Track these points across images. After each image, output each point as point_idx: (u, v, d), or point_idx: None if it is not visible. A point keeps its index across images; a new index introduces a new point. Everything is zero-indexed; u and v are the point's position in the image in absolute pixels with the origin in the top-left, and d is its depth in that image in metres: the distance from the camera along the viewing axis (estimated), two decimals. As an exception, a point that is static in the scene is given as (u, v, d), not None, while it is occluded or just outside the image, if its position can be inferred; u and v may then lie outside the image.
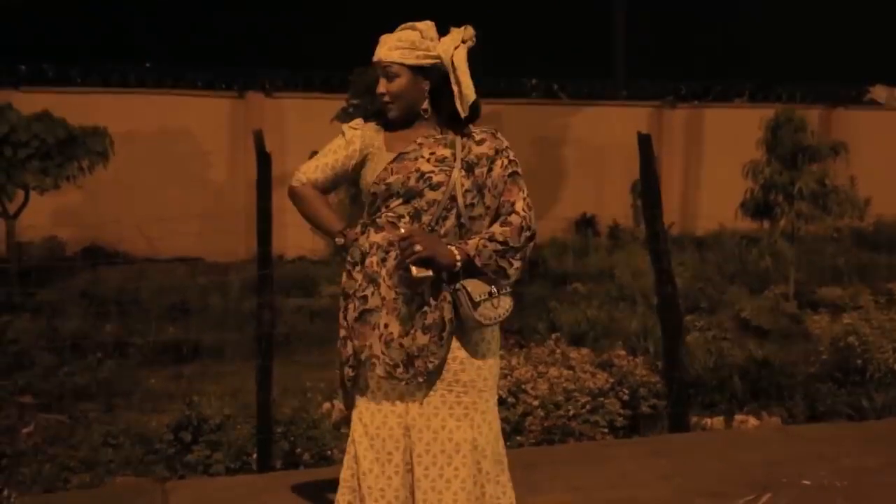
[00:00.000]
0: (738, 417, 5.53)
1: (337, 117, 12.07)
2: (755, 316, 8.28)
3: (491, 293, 2.61)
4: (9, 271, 10.23)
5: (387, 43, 2.68)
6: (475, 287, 2.59)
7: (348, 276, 2.74)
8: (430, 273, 2.54)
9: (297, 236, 10.03)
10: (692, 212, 16.56)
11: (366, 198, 2.74)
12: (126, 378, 6.76)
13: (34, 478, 4.48)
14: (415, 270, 2.52)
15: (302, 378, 5.90)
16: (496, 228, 2.64)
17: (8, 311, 8.35)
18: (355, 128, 2.81)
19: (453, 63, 2.65)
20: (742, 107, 17.55)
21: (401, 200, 2.67)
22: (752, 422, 5.48)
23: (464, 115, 2.68)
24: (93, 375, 6.54)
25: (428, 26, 2.70)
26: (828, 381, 5.88)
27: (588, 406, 5.02)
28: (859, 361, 5.90)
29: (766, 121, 10.05)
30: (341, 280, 2.77)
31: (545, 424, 4.91)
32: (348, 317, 2.73)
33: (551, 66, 19.01)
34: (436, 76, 2.68)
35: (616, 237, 14.90)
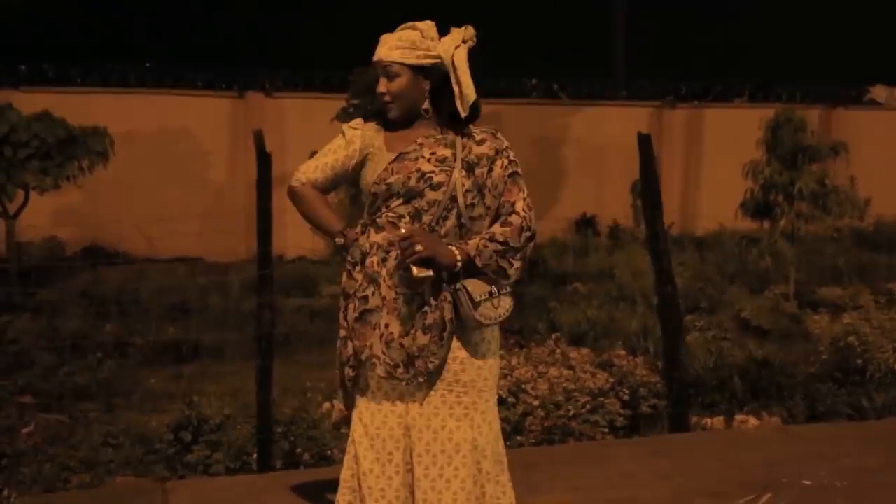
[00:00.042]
0: (738, 417, 5.53)
1: (337, 117, 12.07)
2: (755, 316, 8.27)
3: (491, 293, 2.61)
4: (9, 271, 10.23)
5: (387, 42, 2.68)
6: (475, 287, 2.59)
7: (348, 276, 2.74)
8: (431, 273, 2.54)
9: (297, 236, 10.03)
10: (692, 212, 16.56)
11: (366, 198, 2.74)
12: (126, 378, 6.76)
13: (34, 478, 4.48)
14: (415, 270, 2.52)
15: (302, 378, 5.90)
16: (496, 228, 2.64)
17: (8, 311, 8.34)
18: (355, 128, 2.80)
19: (454, 63, 2.65)
20: (742, 107, 17.55)
21: (401, 200, 2.67)
22: (753, 422, 5.47)
23: (464, 115, 2.67)
24: (93, 375, 6.54)
25: (428, 26, 2.70)
26: (828, 381, 5.88)
27: (588, 406, 5.02)
28: (859, 361, 5.90)
29: (766, 121, 10.04)
30: (341, 280, 2.77)
31: (545, 424, 4.91)
32: (348, 317, 2.73)
33: (551, 66, 19.01)
34: (436, 76, 2.68)
35: (616, 237, 14.90)
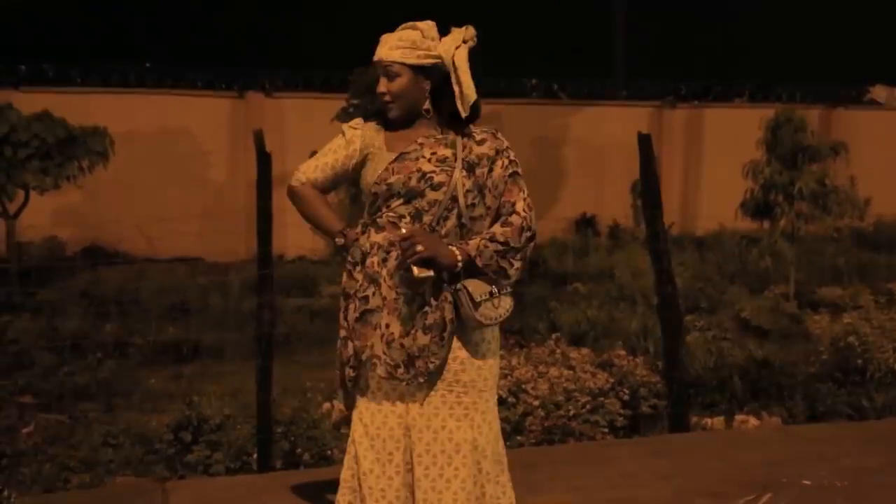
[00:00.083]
0: (738, 417, 5.53)
1: (337, 117, 12.07)
2: (755, 316, 8.27)
3: (492, 293, 2.61)
4: (9, 271, 10.23)
5: (388, 42, 2.67)
6: (476, 287, 2.59)
7: (349, 276, 2.74)
8: (432, 273, 2.54)
9: (297, 236, 10.03)
10: (692, 212, 16.56)
11: (366, 198, 2.74)
12: (126, 378, 6.76)
13: (34, 478, 4.48)
14: (416, 270, 2.52)
15: (302, 378, 5.90)
16: (497, 229, 2.63)
17: (8, 311, 8.35)
18: (355, 127, 2.80)
19: (454, 63, 2.65)
20: (742, 107, 17.55)
21: (402, 200, 2.66)
22: (753, 422, 5.47)
23: (464, 115, 2.67)
24: (93, 375, 6.54)
25: (429, 26, 2.70)
26: (828, 381, 5.88)
27: (588, 406, 5.02)
28: (859, 361, 5.90)
29: (766, 121, 10.05)
30: (342, 280, 2.77)
31: (545, 424, 4.91)
32: (349, 317, 2.73)
33: (551, 66, 19.01)
34: (437, 76, 2.68)
35: (616, 237, 14.90)
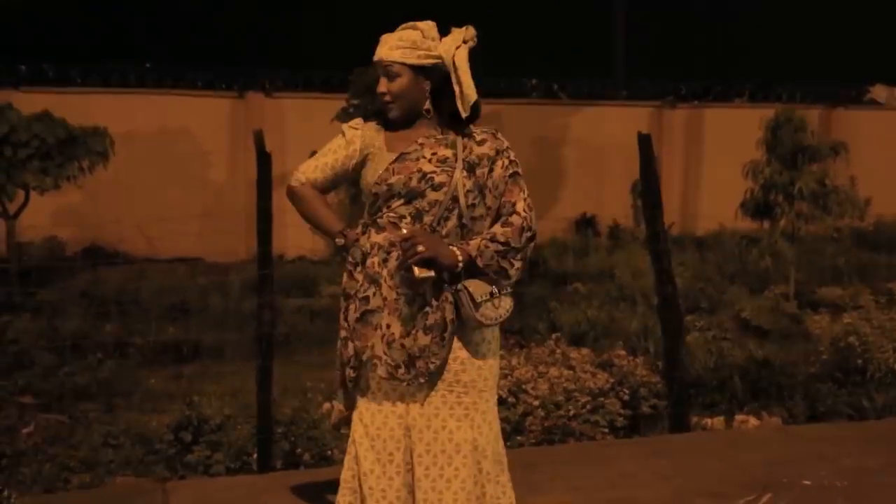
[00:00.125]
0: (738, 417, 5.53)
1: (337, 117, 12.07)
2: (755, 316, 8.27)
3: (492, 293, 2.61)
4: (9, 271, 10.23)
5: (388, 42, 2.67)
6: (476, 287, 2.59)
7: (349, 276, 2.74)
8: (433, 273, 2.54)
9: (297, 236, 10.03)
10: (692, 212, 16.56)
11: (366, 198, 2.74)
12: (126, 378, 6.76)
13: (34, 478, 4.48)
14: (417, 271, 2.52)
15: (302, 378, 5.89)
16: (497, 229, 2.63)
17: (8, 311, 8.35)
18: (355, 127, 2.80)
19: (455, 63, 2.64)
20: (742, 107, 17.55)
21: (402, 201, 2.66)
22: (753, 422, 5.47)
23: (465, 115, 2.67)
24: (93, 375, 6.54)
25: (429, 26, 2.70)
26: (828, 381, 5.87)
27: (588, 406, 5.01)
28: (860, 361, 5.90)
29: (766, 121, 10.04)
30: (342, 280, 2.77)
31: (545, 424, 4.91)
32: (349, 318, 2.73)
33: (551, 66, 19.02)
34: (437, 76, 2.67)
35: (616, 237, 14.90)
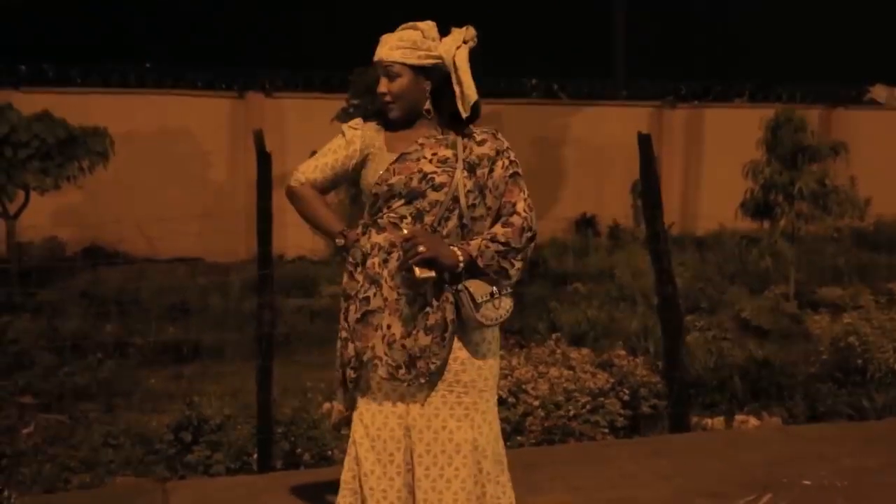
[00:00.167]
0: (738, 417, 5.52)
1: (337, 117, 12.06)
2: (755, 316, 8.27)
3: (492, 294, 2.61)
4: (9, 271, 10.22)
5: (388, 42, 2.67)
6: (477, 288, 2.59)
7: (350, 277, 2.74)
8: (433, 274, 2.54)
9: (297, 236, 10.04)
10: (692, 212, 16.55)
11: (367, 198, 2.74)
12: (126, 378, 6.76)
13: (34, 478, 4.47)
14: (418, 271, 2.52)
15: (302, 378, 5.89)
16: (498, 229, 2.63)
17: (8, 311, 8.34)
18: (355, 128, 2.80)
19: (455, 63, 2.64)
20: (742, 107, 17.54)
21: (403, 201, 2.66)
22: (753, 422, 5.47)
23: (465, 115, 2.67)
24: (93, 375, 6.53)
25: (429, 26, 2.70)
26: (828, 381, 5.87)
27: (588, 406, 5.01)
28: (860, 361, 5.90)
29: (766, 121, 10.04)
30: (342, 281, 2.77)
31: (545, 424, 4.91)
32: (350, 318, 2.73)
33: (551, 66, 19.02)
34: (437, 76, 2.68)
35: (616, 237, 14.89)
